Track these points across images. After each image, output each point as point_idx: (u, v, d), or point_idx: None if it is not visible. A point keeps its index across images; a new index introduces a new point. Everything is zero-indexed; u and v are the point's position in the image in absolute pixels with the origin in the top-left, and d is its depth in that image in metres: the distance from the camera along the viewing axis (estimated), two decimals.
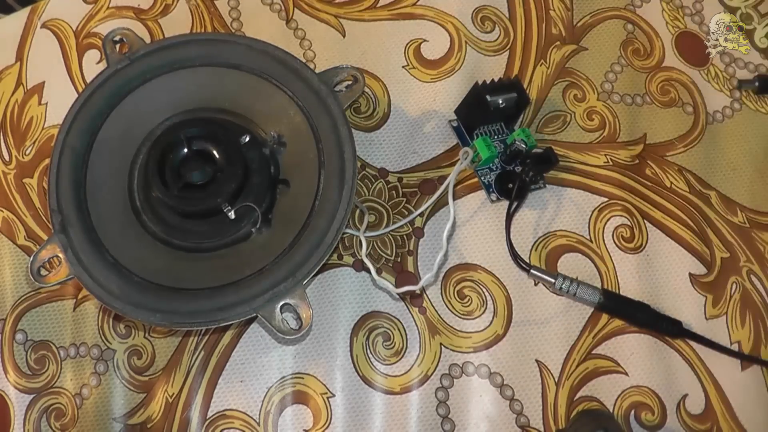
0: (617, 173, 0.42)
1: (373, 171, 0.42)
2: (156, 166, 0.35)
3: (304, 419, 0.38)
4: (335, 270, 0.40)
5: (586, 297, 0.38)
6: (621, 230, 0.41)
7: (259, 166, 0.37)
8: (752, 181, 0.43)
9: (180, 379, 0.38)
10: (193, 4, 0.45)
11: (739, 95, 0.46)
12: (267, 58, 0.38)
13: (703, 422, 0.38)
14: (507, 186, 0.41)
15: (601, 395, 0.38)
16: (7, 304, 0.39)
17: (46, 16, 0.45)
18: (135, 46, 0.38)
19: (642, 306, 0.39)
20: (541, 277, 0.39)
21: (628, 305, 0.39)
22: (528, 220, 0.41)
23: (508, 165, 0.42)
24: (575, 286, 0.38)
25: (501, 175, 0.41)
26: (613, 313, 0.39)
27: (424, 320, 0.39)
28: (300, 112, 0.38)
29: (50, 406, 0.38)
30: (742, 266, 0.41)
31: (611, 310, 0.39)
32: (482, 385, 0.38)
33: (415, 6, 0.46)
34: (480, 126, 0.42)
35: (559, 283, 0.38)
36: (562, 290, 0.38)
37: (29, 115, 0.43)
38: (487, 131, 0.42)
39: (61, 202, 0.35)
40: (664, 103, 0.45)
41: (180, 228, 0.37)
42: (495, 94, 0.40)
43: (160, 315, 0.34)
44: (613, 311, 0.39)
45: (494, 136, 0.42)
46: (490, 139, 0.41)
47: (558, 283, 0.38)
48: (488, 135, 0.42)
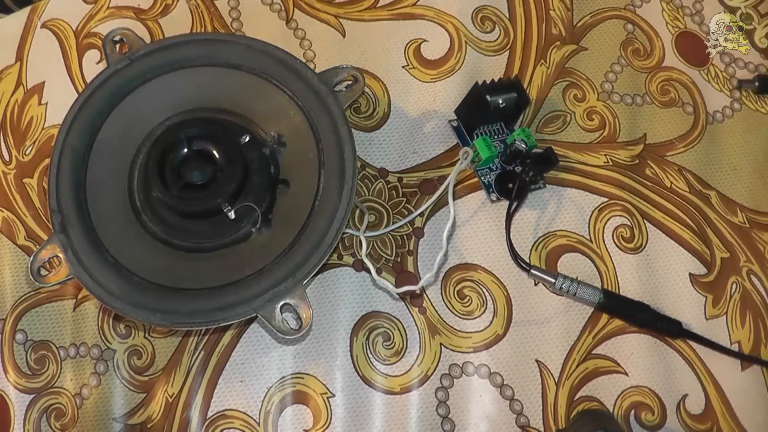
0: (617, 173, 0.42)
1: (373, 171, 0.42)
2: (156, 166, 0.35)
3: (304, 419, 0.38)
4: (335, 270, 0.40)
5: (587, 297, 0.38)
6: (621, 230, 0.41)
7: (259, 166, 0.37)
8: (752, 181, 0.43)
9: (180, 379, 0.38)
10: (193, 4, 0.45)
11: (739, 95, 0.46)
12: (267, 58, 0.38)
13: (703, 422, 0.38)
14: (507, 186, 0.41)
15: (601, 395, 0.39)
16: (7, 304, 0.39)
17: (46, 16, 0.45)
18: (135, 46, 0.38)
19: (642, 306, 0.39)
20: (541, 277, 0.39)
21: (628, 305, 0.39)
22: (528, 220, 0.41)
23: (508, 165, 0.42)
24: (575, 286, 0.38)
25: (501, 175, 0.41)
26: (613, 313, 0.39)
27: (424, 320, 0.39)
28: (300, 112, 0.38)
29: (50, 406, 0.38)
30: (742, 266, 0.41)
31: (611, 310, 0.39)
32: (482, 385, 0.38)
33: (415, 6, 0.46)
34: (480, 126, 0.42)
35: (559, 283, 0.38)
36: (562, 290, 0.38)
37: (29, 115, 0.43)
38: (487, 131, 0.42)
39: (61, 202, 0.35)
40: (664, 103, 0.45)
41: (180, 228, 0.37)
42: (495, 94, 0.40)
43: (160, 315, 0.34)
44: (613, 311, 0.39)
45: (494, 136, 0.42)
46: (490, 138, 0.41)
47: (558, 283, 0.38)
48: (488, 135, 0.42)
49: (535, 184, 0.41)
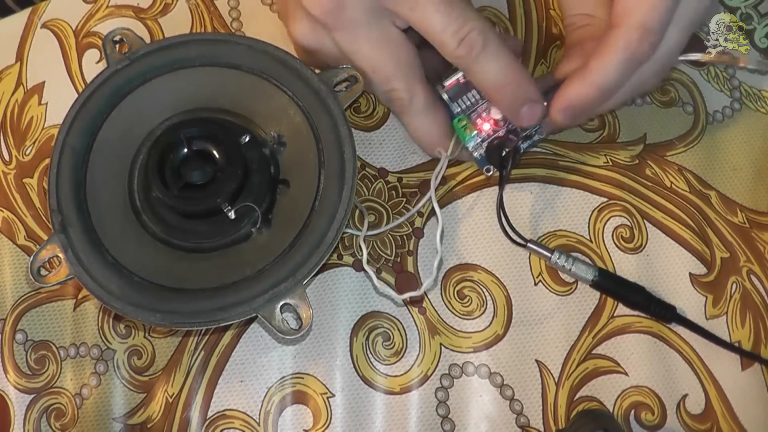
0: (617, 173, 0.42)
1: (373, 171, 0.42)
2: (156, 166, 0.35)
3: (304, 419, 0.38)
4: (335, 270, 0.40)
5: (581, 274, 0.38)
6: (621, 230, 0.41)
7: (259, 166, 0.37)
8: (752, 181, 0.43)
9: (180, 379, 0.38)
10: (193, 4, 0.45)
11: (739, 95, 0.46)
12: (267, 58, 0.38)
13: (703, 422, 0.38)
14: (501, 155, 0.38)
15: (601, 395, 0.39)
16: (7, 304, 0.39)
17: (46, 17, 0.45)
18: (135, 45, 0.38)
19: (637, 287, 0.39)
20: (538, 251, 0.38)
21: (622, 285, 0.39)
22: (528, 220, 0.41)
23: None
24: (570, 262, 0.38)
25: (490, 146, 0.39)
26: (607, 293, 0.39)
27: (424, 320, 0.39)
28: (300, 112, 0.38)
29: (50, 406, 0.38)
30: (742, 266, 0.41)
31: (605, 289, 0.39)
32: (482, 385, 0.38)
33: None
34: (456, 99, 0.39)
35: (554, 257, 0.38)
36: (557, 265, 0.38)
37: (29, 115, 0.43)
38: (467, 101, 0.39)
39: (61, 202, 0.35)
40: (664, 103, 0.45)
41: (180, 228, 0.37)
42: (451, 74, 0.39)
43: (160, 315, 0.34)
44: (607, 290, 0.39)
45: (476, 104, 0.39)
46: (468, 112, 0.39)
47: (554, 257, 0.38)
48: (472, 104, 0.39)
49: (529, 140, 0.40)
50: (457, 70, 0.39)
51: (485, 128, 0.39)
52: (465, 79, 0.39)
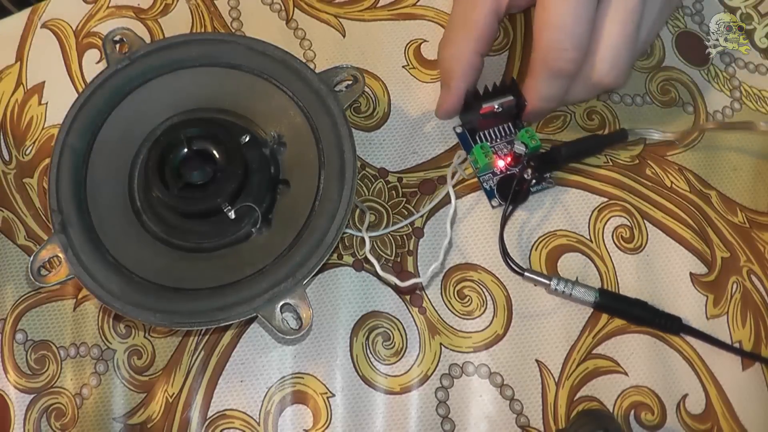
0: (617, 173, 0.42)
1: (373, 171, 0.42)
2: (156, 166, 0.35)
3: (304, 419, 0.38)
4: (335, 270, 0.40)
5: (582, 297, 0.38)
6: (621, 230, 0.41)
7: (259, 166, 0.37)
8: (752, 181, 0.43)
9: (180, 379, 0.38)
10: (193, 4, 0.45)
11: (739, 95, 0.46)
12: (267, 58, 0.38)
13: (704, 422, 0.38)
14: (510, 190, 0.40)
15: (601, 395, 0.39)
16: (7, 304, 0.39)
17: (46, 16, 0.45)
18: (135, 45, 0.38)
19: (639, 303, 0.39)
20: (537, 280, 0.38)
21: (625, 303, 0.39)
22: (528, 220, 0.41)
23: (513, 168, 0.41)
24: (570, 287, 0.38)
25: (503, 180, 0.41)
26: (611, 312, 0.39)
27: (424, 320, 0.39)
28: (300, 112, 0.38)
29: (50, 406, 0.38)
30: (742, 266, 0.41)
31: (609, 308, 0.39)
32: (482, 385, 0.38)
33: (415, 6, 0.46)
34: (483, 130, 0.42)
35: (554, 284, 0.38)
36: (557, 291, 0.38)
37: (29, 115, 0.43)
38: (494, 133, 0.42)
39: (61, 202, 0.35)
40: (664, 103, 0.45)
41: (180, 228, 0.37)
42: (490, 100, 0.39)
43: (160, 315, 0.34)
44: (610, 310, 0.39)
45: (502, 138, 0.42)
46: (489, 145, 0.41)
47: (553, 284, 0.38)
48: (496, 137, 0.42)
49: (539, 184, 0.41)
50: (495, 98, 0.39)
51: (500, 165, 0.41)
52: (500, 109, 0.39)
